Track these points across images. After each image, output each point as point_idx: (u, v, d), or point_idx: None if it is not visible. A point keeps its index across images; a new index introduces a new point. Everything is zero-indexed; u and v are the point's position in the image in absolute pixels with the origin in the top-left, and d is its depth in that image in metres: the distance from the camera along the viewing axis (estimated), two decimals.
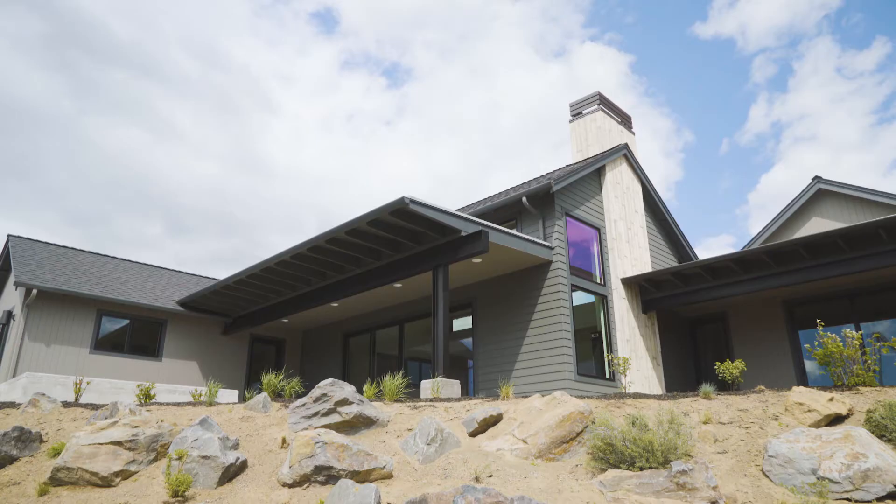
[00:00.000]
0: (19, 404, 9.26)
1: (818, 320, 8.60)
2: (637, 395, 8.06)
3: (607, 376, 13.15)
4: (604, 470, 6.06)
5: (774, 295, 14.26)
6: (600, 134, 16.06)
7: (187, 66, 61.02)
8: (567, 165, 16.48)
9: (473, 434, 7.19)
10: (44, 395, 8.88)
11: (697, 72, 61.31)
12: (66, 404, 8.99)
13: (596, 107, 16.31)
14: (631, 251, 15.16)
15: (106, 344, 15.93)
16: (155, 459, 6.95)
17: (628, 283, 14.37)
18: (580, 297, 13.63)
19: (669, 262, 16.96)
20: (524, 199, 13.43)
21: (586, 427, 6.76)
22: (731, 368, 9.17)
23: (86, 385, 9.91)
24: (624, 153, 15.95)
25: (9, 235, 17.14)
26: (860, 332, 8.02)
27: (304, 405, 7.66)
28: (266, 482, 6.40)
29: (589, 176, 14.81)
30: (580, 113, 16.68)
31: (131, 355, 16.16)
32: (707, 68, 60.88)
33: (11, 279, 15.65)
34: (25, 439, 7.59)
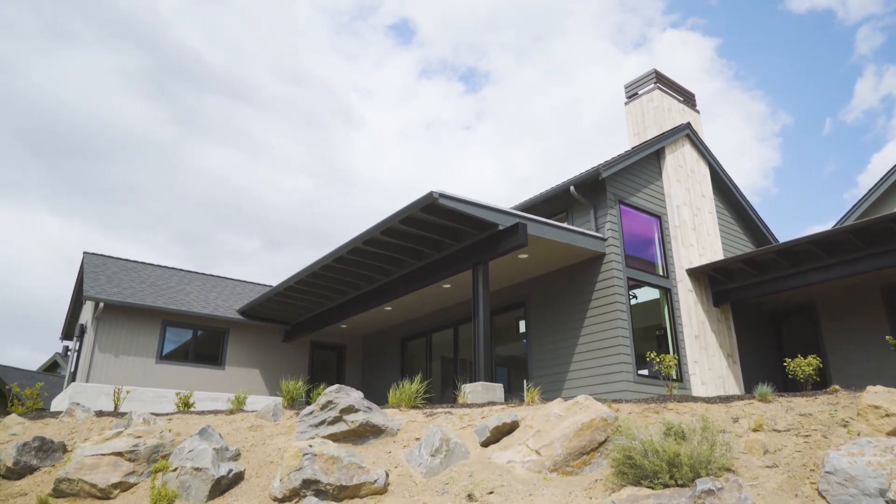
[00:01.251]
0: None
1: None
2: (682, 398, 7.05)
3: (674, 377, 11.94)
4: (625, 487, 5.20)
5: (871, 280, 12.47)
6: (658, 114, 14.78)
7: (274, 87, 63.67)
8: (625, 152, 15.30)
9: (486, 444, 6.46)
10: (78, 404, 9.00)
11: (793, 49, 56.89)
12: (99, 414, 9.08)
13: (652, 86, 15.03)
14: (698, 239, 13.80)
15: (171, 354, 16.37)
16: (155, 471, 6.74)
17: (695, 273, 13.05)
18: (642, 293, 12.50)
19: (745, 249, 15.35)
20: (572, 188, 12.51)
21: (609, 436, 5.89)
22: (804, 365, 7.89)
23: (125, 394, 10.00)
24: (686, 133, 14.60)
25: (84, 252, 18.06)
26: None
27: (311, 413, 7.23)
28: (258, 496, 6.00)
29: (645, 160, 13.62)
30: (636, 94, 15.45)
31: (195, 364, 16.52)
32: (803, 45, 56.38)
33: None
34: (47, 449, 7.62)
